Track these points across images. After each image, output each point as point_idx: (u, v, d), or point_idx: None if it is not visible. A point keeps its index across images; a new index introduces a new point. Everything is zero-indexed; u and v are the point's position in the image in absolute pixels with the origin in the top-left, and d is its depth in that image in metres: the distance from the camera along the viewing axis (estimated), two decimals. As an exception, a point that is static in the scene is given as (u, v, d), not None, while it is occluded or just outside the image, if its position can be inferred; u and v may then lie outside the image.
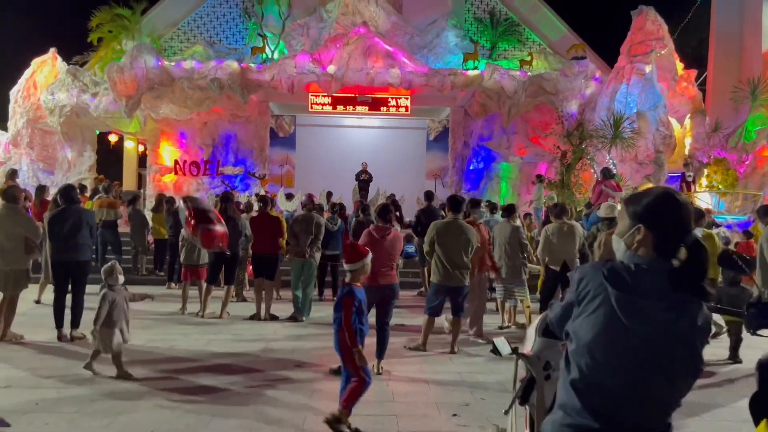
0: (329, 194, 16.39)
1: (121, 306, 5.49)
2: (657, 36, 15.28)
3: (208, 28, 18.23)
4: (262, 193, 14.46)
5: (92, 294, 6.34)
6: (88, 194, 13.09)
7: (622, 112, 14.76)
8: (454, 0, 18.33)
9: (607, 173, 10.37)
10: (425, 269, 10.77)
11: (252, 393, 5.17)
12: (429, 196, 10.94)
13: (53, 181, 17.21)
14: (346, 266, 4.57)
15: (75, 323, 6.95)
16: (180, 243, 8.99)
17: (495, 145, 17.55)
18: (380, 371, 5.77)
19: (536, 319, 2.73)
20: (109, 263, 5.65)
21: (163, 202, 11.30)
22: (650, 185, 12.17)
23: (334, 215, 10.47)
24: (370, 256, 4.60)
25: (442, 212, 11.10)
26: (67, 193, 7.09)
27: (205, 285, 8.59)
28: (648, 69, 14.91)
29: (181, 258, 8.85)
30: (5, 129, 17.39)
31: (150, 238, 11.68)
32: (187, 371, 5.79)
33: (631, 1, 15.88)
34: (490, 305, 8.57)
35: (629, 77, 15.16)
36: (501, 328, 7.99)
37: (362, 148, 20.02)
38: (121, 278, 5.58)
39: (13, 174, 13.16)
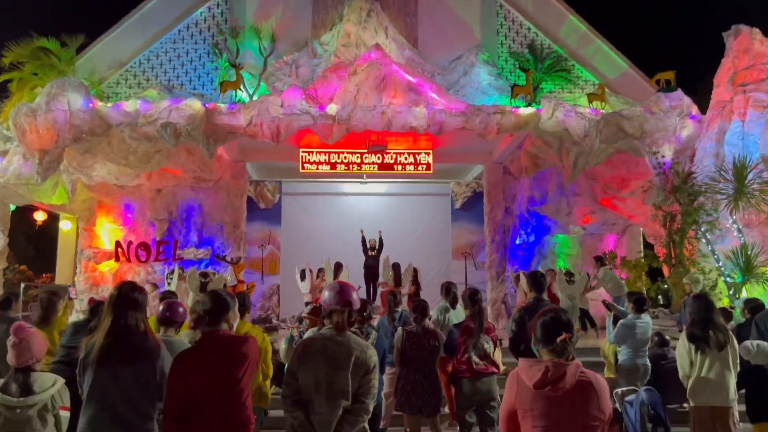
0: (338, 267, 11.72)
1: None
2: (772, 58, 11.34)
3: (166, 69, 13.85)
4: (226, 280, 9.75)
5: None
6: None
7: (739, 157, 10.60)
8: (483, 31, 14.43)
9: None
10: None
11: None
12: (537, 282, 5.42)
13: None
14: None
15: None
16: None
17: (551, 211, 13.14)
18: None
19: None
20: None
21: (56, 307, 6.41)
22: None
23: (366, 323, 5.67)
24: None
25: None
26: None
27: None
28: (771, 98, 10.87)
29: None
30: None
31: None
32: None
33: (692, 28, 12.08)
34: None
35: (743, 112, 11.07)
36: None
37: (368, 223, 15.39)
38: None
39: None
